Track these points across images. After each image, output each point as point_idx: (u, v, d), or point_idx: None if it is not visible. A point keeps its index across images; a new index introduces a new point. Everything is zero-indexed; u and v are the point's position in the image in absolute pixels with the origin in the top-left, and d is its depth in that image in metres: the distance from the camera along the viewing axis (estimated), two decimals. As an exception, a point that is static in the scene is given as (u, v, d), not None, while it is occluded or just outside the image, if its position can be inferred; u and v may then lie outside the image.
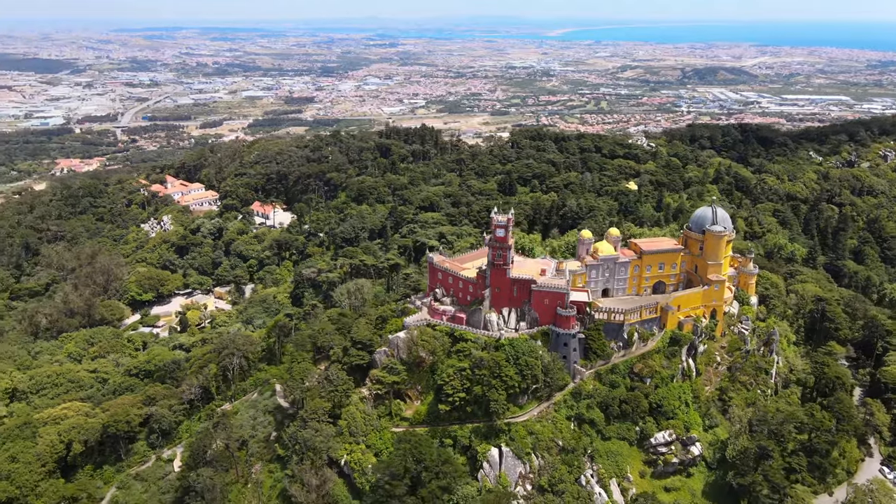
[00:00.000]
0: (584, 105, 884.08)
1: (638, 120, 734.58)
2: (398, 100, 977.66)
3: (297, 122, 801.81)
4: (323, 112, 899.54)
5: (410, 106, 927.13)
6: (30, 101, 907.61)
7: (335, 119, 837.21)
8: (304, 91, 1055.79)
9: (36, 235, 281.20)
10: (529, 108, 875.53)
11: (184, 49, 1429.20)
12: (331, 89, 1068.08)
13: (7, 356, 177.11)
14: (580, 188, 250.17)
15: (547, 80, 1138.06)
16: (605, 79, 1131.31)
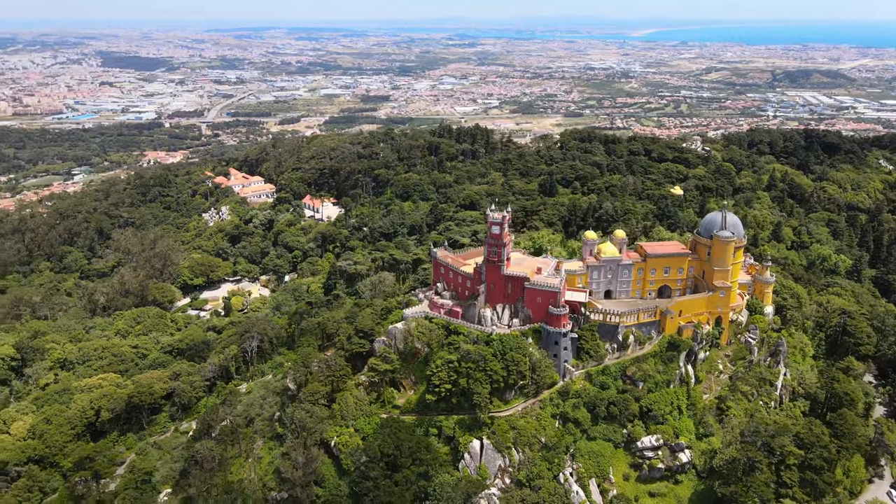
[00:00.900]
0: (663, 108, 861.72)
1: (718, 124, 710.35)
2: (472, 100, 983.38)
3: (372, 119, 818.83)
4: (397, 110, 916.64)
5: (484, 106, 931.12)
6: (127, 96, 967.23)
7: (408, 118, 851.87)
8: (381, 90, 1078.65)
9: (109, 221, 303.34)
10: (605, 111, 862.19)
11: (270, 48, 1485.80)
12: (406, 88, 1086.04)
13: (65, 329, 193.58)
14: (621, 191, 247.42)
15: (625, 81, 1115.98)
16: (688, 81, 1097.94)
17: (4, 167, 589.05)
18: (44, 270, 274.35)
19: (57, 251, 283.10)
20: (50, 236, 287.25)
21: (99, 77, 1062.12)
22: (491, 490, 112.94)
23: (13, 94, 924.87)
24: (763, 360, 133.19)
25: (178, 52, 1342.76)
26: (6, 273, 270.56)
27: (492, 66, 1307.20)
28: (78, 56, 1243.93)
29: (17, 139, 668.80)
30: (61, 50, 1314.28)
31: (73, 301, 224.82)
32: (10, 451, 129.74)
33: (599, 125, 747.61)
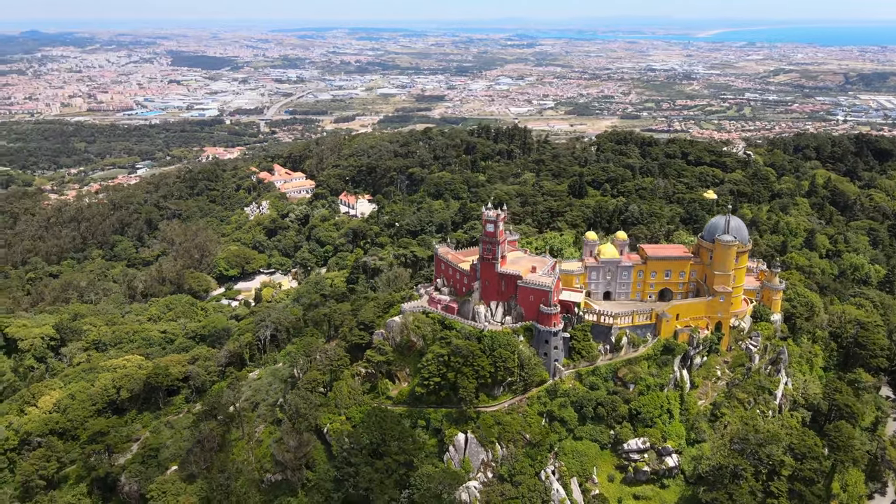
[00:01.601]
0: (724, 111, 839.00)
1: (782, 128, 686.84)
2: (527, 100, 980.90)
3: (425, 119, 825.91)
4: (451, 110, 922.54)
5: (539, 107, 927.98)
6: (193, 94, 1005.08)
7: (461, 118, 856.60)
8: (437, 89, 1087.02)
9: (158, 212, 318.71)
10: (663, 113, 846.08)
11: (331, 48, 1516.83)
12: (462, 88, 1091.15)
13: (103, 313, 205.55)
14: (651, 194, 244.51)
15: (687, 83, 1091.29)
16: (753, 83, 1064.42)
17: (75, 160, 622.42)
18: (96, 258, 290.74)
19: (108, 240, 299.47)
20: (103, 226, 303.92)
21: (168, 75, 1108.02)
22: (472, 483, 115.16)
23: (89, 91, 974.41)
24: (763, 368, 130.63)
25: (243, 52, 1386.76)
26: (62, 259, 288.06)
27: (549, 67, 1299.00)
28: (150, 55, 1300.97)
29: (89, 134, 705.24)
30: (135, 49, 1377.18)
31: (116, 287, 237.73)
32: (35, 422, 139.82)
33: (656, 127, 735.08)
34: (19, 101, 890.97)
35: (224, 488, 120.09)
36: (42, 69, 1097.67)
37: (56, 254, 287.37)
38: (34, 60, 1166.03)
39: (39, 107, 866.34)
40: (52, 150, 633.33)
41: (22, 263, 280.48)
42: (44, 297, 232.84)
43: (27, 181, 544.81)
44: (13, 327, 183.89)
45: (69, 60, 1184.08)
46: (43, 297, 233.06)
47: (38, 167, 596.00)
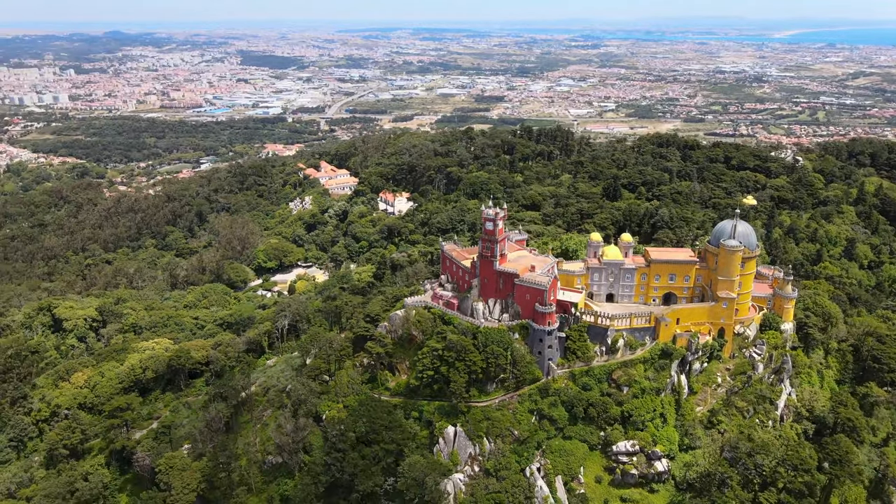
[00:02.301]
0: (796, 115, 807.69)
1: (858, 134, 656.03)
2: (587, 102, 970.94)
3: (483, 119, 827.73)
4: (510, 111, 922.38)
5: (599, 109, 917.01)
6: (259, 92, 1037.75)
7: (519, 118, 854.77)
8: (496, 90, 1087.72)
9: (208, 205, 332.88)
10: (729, 116, 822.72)
11: (394, 48, 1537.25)
12: (522, 89, 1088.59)
13: (144, 298, 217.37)
14: (685, 198, 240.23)
15: (757, 86, 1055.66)
16: (830, 86, 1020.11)
17: (145, 154, 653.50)
18: (148, 247, 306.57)
19: (161, 230, 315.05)
20: (157, 216, 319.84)
21: (237, 74, 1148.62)
22: (457, 475, 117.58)
23: (163, 88, 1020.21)
24: (766, 378, 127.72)
25: (309, 52, 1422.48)
26: (118, 247, 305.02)
27: (613, 69, 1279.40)
28: (222, 55, 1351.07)
29: (159, 130, 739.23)
30: (208, 49, 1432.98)
31: (161, 275, 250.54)
32: (65, 396, 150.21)
33: (720, 131, 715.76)
34: (99, 98, 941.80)
35: (225, 466, 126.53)
36: (122, 68, 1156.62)
37: (113, 242, 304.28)
38: (115, 60, 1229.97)
39: (117, 103, 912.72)
40: (125, 144, 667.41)
41: (82, 250, 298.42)
42: (96, 283, 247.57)
43: (100, 173, 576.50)
44: (61, 308, 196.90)
45: (147, 60, 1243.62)
46: (95, 283, 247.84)
47: (111, 160, 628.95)
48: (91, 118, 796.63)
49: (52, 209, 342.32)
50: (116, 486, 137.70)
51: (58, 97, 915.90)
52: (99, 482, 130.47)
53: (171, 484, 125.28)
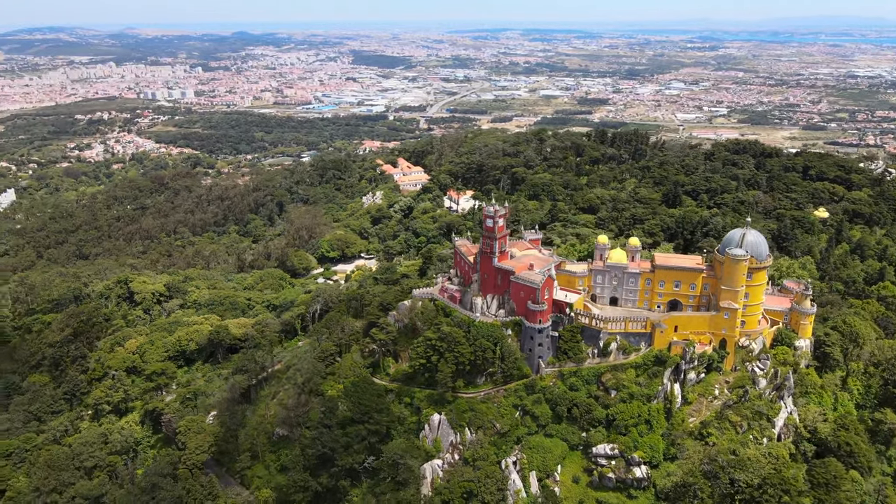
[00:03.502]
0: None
1: None
2: (697, 107, 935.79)
3: (583, 122, 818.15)
4: (612, 115, 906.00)
5: (709, 114, 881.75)
6: (365, 91, 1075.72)
7: (621, 122, 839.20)
8: (601, 93, 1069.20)
9: (289, 196, 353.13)
10: (856, 125, 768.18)
11: (502, 49, 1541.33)
12: (628, 92, 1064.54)
13: (210, 278, 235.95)
14: (748, 208, 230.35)
15: (893, 92, 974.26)
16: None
17: (253, 147, 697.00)
18: (231, 232, 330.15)
19: (244, 217, 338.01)
20: (241, 205, 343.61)
21: (347, 73, 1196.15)
22: (437, 461, 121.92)
23: (278, 86, 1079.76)
24: (766, 394, 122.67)
25: (417, 52, 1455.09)
26: (205, 231, 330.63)
27: (730, 72, 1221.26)
28: (335, 54, 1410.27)
29: (268, 124, 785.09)
30: (323, 49, 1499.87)
31: (232, 259, 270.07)
32: (116, 359, 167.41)
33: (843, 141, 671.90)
34: (220, 94, 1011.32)
35: (232, 433, 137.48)
36: (244, 66, 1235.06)
37: (200, 226, 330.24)
38: (238, 58, 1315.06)
39: (236, 99, 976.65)
40: (235, 137, 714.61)
41: (174, 232, 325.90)
42: (176, 262, 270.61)
43: (210, 163, 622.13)
44: (136, 283, 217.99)
45: (266, 58, 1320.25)
46: (175, 262, 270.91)
47: (222, 152, 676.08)
48: (210, 113, 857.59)
49: (153, 194, 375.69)
50: (149, 443, 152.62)
51: (185, 93, 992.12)
52: (130, 436, 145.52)
53: (186, 444, 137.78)
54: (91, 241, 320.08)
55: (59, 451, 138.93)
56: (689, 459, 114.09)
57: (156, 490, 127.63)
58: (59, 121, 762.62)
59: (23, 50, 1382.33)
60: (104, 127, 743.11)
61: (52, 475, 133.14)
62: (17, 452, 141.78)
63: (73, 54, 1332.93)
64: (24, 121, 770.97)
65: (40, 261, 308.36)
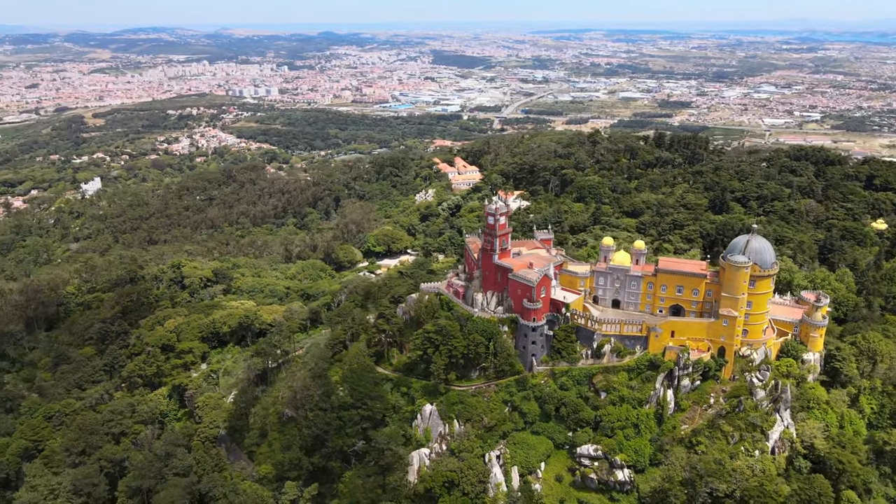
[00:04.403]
0: None
1: None
2: (787, 111, 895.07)
3: (663, 125, 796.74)
4: (693, 118, 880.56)
5: (800, 119, 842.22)
6: (442, 90, 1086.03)
7: (702, 126, 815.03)
8: (684, 95, 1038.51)
9: (346, 191, 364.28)
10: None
11: (584, 50, 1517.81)
12: (713, 95, 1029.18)
13: (256, 267, 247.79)
14: (798, 217, 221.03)
15: None
16: None
17: (327, 144, 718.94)
18: (289, 225, 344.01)
19: (302, 211, 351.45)
20: (300, 198, 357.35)
21: (426, 73, 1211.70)
22: (424, 450, 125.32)
23: (358, 84, 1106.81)
24: (763, 405, 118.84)
25: (497, 52, 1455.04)
26: (264, 222, 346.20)
27: (827, 75, 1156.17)
28: (416, 54, 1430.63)
29: (343, 122, 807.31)
30: (404, 49, 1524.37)
31: (281, 249, 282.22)
32: (153, 337, 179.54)
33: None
34: (303, 92, 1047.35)
35: (242, 410, 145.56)
36: (327, 65, 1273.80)
37: (261, 218, 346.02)
38: (323, 58, 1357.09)
39: (316, 97, 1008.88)
40: (311, 133, 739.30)
41: (235, 222, 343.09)
42: (231, 251, 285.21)
43: (286, 158, 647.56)
44: (187, 268, 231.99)
45: (349, 58, 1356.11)
46: (230, 251, 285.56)
47: (298, 148, 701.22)
48: (291, 110, 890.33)
49: (221, 186, 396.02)
50: (176, 416, 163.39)
51: (269, 90, 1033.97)
52: (156, 408, 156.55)
53: (202, 418, 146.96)
54: (161, 228, 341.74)
55: (92, 416, 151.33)
56: (671, 466, 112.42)
57: (170, 458, 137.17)
58: (152, 115, 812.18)
59: (127, 49, 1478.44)
60: (192, 122, 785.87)
61: (83, 438, 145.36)
62: (56, 416, 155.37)
63: (172, 53, 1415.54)
64: (122, 115, 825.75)
65: (116, 245, 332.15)
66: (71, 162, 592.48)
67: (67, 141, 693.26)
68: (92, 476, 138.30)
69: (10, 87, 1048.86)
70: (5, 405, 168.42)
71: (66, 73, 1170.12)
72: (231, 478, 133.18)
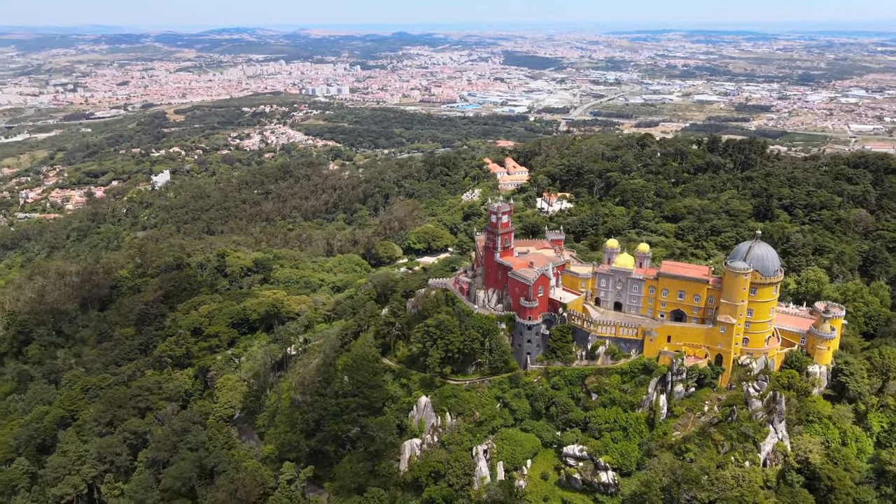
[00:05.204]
0: None
1: None
2: (877, 117, 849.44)
3: (739, 130, 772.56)
4: (772, 123, 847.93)
5: (891, 126, 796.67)
6: (511, 91, 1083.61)
7: (782, 132, 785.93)
8: (764, 99, 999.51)
9: (395, 189, 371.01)
10: None
11: (660, 51, 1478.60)
12: (796, 99, 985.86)
13: (296, 259, 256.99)
14: (845, 227, 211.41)
15: None
16: None
17: (390, 142, 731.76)
18: (339, 220, 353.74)
19: (352, 207, 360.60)
20: (351, 195, 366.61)
21: (496, 73, 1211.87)
22: (416, 440, 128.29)
23: (427, 84, 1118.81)
24: (757, 416, 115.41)
25: (570, 53, 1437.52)
26: (315, 217, 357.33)
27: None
28: (487, 55, 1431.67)
29: (408, 121, 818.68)
30: (476, 49, 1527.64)
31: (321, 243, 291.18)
32: (187, 320, 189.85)
33: None
34: (373, 92, 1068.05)
35: (255, 393, 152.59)
36: (399, 65, 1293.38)
37: (312, 212, 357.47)
38: (395, 58, 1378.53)
39: (386, 97, 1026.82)
40: (376, 132, 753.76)
41: (288, 216, 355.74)
42: (277, 243, 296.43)
43: (349, 156, 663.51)
44: (231, 257, 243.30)
45: (420, 58, 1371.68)
46: (277, 243, 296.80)
47: (362, 146, 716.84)
48: (359, 108, 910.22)
49: (277, 181, 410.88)
50: (201, 395, 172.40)
51: (341, 89, 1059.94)
52: (180, 386, 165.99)
53: (219, 398, 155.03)
54: (219, 220, 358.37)
55: (122, 391, 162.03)
56: (652, 470, 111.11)
57: (185, 433, 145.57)
58: (228, 112, 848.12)
59: (211, 49, 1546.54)
60: (264, 119, 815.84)
61: (111, 410, 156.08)
62: (93, 389, 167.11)
63: (252, 53, 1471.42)
64: (201, 111, 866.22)
65: (177, 234, 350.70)
66: (149, 155, 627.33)
67: (149, 135, 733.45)
68: (115, 446, 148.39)
69: (104, 85, 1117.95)
70: (50, 377, 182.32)
71: (155, 71, 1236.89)
72: (238, 456, 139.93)
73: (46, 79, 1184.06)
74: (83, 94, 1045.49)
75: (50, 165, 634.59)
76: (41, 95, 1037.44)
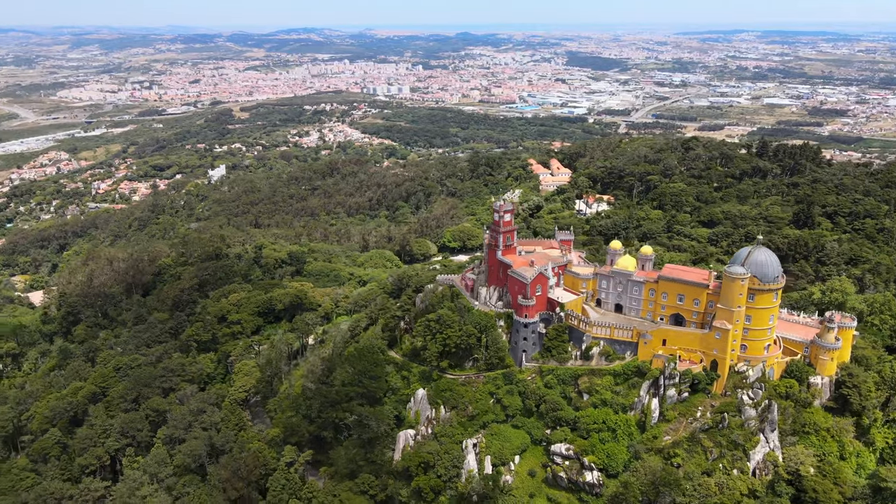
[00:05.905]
0: None
1: None
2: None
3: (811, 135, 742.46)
4: (848, 128, 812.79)
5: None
6: (571, 93, 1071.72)
7: (857, 137, 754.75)
8: (840, 102, 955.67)
9: (438, 188, 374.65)
10: None
11: (731, 52, 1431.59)
12: (876, 103, 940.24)
13: (330, 253, 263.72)
14: (887, 237, 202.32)
15: None
16: None
17: (445, 141, 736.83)
18: (381, 216, 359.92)
19: (394, 204, 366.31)
20: (394, 192, 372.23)
21: (558, 74, 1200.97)
22: (410, 431, 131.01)
23: (487, 85, 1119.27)
24: (749, 424, 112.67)
25: (636, 54, 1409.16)
26: (358, 213, 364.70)
27: None
28: (550, 55, 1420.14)
29: (465, 121, 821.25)
30: (539, 50, 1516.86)
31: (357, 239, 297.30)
32: (215, 307, 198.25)
33: None
34: (433, 91, 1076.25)
35: (268, 379, 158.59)
36: (461, 65, 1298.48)
37: (355, 209, 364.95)
38: (457, 58, 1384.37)
39: (445, 96, 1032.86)
40: (431, 131, 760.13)
41: (332, 211, 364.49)
42: (317, 237, 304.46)
43: (404, 155, 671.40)
44: (267, 249, 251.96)
45: (483, 58, 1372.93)
46: (317, 237, 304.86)
47: (417, 144, 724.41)
48: (418, 108, 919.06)
49: (325, 178, 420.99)
50: (222, 378, 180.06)
51: (401, 89, 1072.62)
52: (202, 369, 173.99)
53: (234, 382, 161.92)
54: (266, 213, 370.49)
55: (149, 371, 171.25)
56: (633, 473, 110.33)
57: (201, 413, 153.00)
58: (291, 110, 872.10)
59: (279, 48, 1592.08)
60: (324, 117, 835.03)
61: (136, 388, 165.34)
62: (123, 368, 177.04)
63: (318, 52, 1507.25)
64: (265, 109, 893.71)
65: (228, 226, 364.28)
66: (212, 150, 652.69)
67: (214, 132, 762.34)
68: (138, 421, 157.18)
69: (177, 83, 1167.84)
70: (89, 355, 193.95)
71: (225, 70, 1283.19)
72: (246, 437, 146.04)
73: (125, 76, 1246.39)
74: (157, 92, 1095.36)
75: (122, 159, 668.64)
76: (119, 92, 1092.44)
